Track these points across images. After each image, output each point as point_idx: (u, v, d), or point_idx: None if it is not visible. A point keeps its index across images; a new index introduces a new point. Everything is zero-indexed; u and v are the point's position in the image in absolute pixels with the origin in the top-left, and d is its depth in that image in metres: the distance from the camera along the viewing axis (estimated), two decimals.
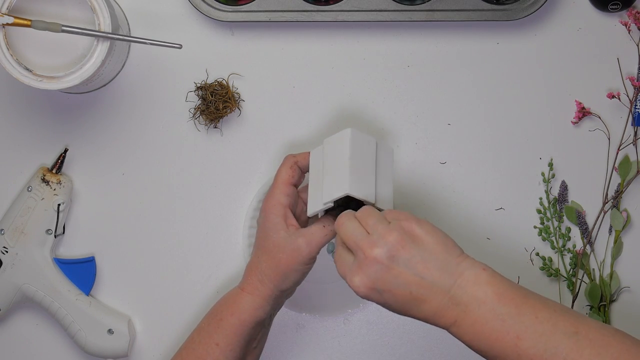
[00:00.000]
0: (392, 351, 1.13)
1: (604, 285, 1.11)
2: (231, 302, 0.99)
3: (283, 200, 0.97)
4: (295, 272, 0.97)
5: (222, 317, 0.99)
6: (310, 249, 0.95)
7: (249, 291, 0.98)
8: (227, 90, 1.10)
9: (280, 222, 0.97)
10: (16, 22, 0.98)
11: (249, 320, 0.98)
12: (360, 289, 0.87)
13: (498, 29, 1.12)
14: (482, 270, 0.86)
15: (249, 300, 0.98)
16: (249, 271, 0.99)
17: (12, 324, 1.13)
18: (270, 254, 0.97)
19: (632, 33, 1.12)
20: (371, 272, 0.86)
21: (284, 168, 0.99)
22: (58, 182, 1.09)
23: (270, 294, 0.98)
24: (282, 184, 0.98)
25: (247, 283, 0.99)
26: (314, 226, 0.96)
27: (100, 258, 1.12)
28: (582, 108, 1.11)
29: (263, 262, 0.97)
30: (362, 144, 0.95)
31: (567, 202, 1.12)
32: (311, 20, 1.10)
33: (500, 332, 0.83)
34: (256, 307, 0.98)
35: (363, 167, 0.94)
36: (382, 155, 0.97)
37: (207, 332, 0.99)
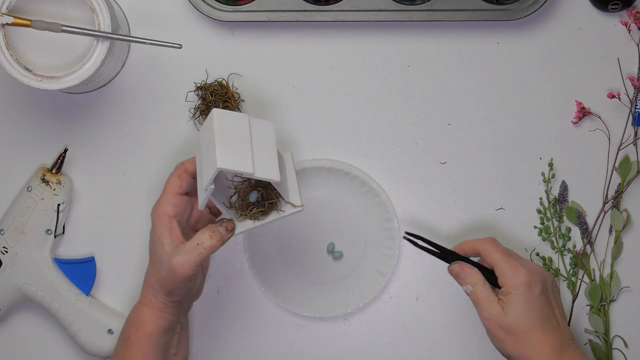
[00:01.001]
0: (392, 351, 1.13)
1: (604, 285, 1.11)
2: (134, 318, 0.99)
3: (169, 210, 0.97)
4: (179, 288, 0.96)
5: (128, 334, 0.99)
6: (183, 269, 0.94)
7: (145, 304, 0.99)
8: (227, 90, 1.10)
9: (164, 235, 0.96)
10: (16, 22, 0.98)
11: (154, 332, 0.98)
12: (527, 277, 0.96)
13: (498, 29, 1.12)
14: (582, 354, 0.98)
15: (147, 312, 0.98)
16: (144, 283, 1.00)
17: (12, 324, 1.13)
18: (155, 268, 0.97)
19: (632, 33, 1.12)
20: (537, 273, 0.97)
21: (173, 177, 0.98)
22: (58, 182, 1.09)
23: (165, 303, 0.98)
24: (168, 193, 0.98)
25: (143, 296, 0.99)
26: (188, 244, 0.95)
27: (100, 258, 1.12)
28: (582, 108, 1.11)
29: (152, 276, 0.98)
30: (232, 121, 0.93)
31: (567, 202, 1.12)
32: (311, 20, 1.10)
33: None
34: (156, 317, 0.98)
35: (235, 142, 0.92)
36: (260, 129, 0.94)
37: (121, 354, 0.99)
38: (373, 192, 1.10)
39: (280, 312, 1.12)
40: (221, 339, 1.12)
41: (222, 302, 1.12)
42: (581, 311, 1.12)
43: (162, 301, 0.98)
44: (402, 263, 1.12)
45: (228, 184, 0.97)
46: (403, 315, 1.12)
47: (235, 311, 1.12)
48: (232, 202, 0.97)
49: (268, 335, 1.12)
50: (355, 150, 1.12)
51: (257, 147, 0.93)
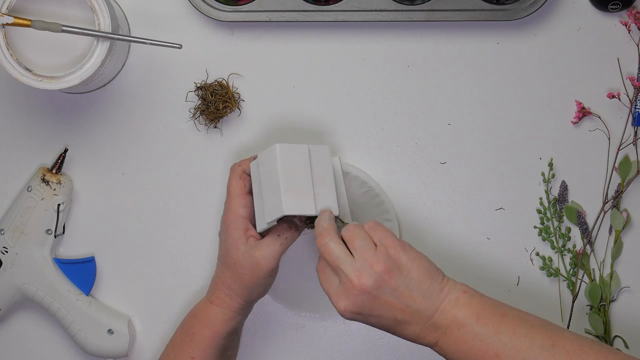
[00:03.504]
0: (392, 351, 1.12)
1: (604, 285, 1.11)
2: (202, 316, 0.99)
3: (241, 212, 0.97)
4: (259, 285, 0.97)
5: (194, 330, 0.99)
6: (268, 262, 0.95)
7: (218, 304, 0.99)
8: (227, 90, 1.10)
9: (239, 237, 0.96)
10: (16, 22, 0.98)
11: (222, 332, 0.98)
12: (346, 314, 0.89)
13: (498, 29, 1.12)
14: (462, 293, 0.89)
15: (219, 312, 0.98)
16: (216, 285, 0.99)
17: (12, 324, 1.13)
18: (233, 270, 0.97)
19: (632, 33, 1.12)
20: (357, 301, 0.88)
21: (234, 179, 0.98)
22: (58, 182, 1.08)
23: (240, 306, 0.98)
24: (236, 195, 0.98)
25: (216, 296, 0.99)
26: (268, 237, 0.96)
27: (100, 258, 1.12)
28: (582, 108, 1.11)
29: (228, 277, 0.98)
30: (293, 156, 0.95)
31: (567, 202, 1.12)
32: (311, 20, 1.10)
33: (479, 350, 0.86)
34: (227, 319, 0.98)
35: (298, 181, 0.94)
36: (318, 160, 0.97)
37: (181, 347, 0.99)
38: (373, 192, 1.10)
39: (280, 312, 1.12)
40: None
41: None
42: (581, 311, 1.12)
43: (239, 301, 0.98)
44: None
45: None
46: None
47: None
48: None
49: (268, 335, 1.12)
50: (355, 150, 1.12)
51: (317, 182, 0.95)
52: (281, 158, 0.94)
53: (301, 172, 0.95)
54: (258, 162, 0.97)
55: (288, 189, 0.93)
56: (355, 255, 0.89)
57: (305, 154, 0.96)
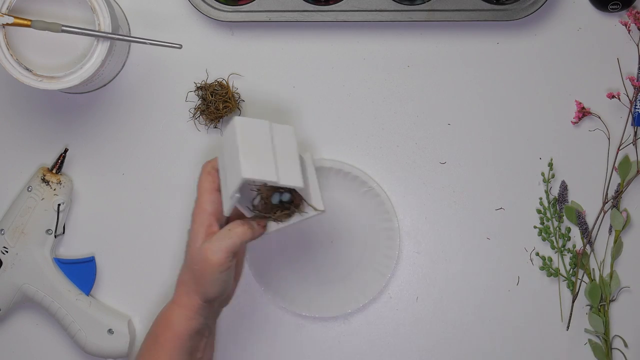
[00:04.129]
0: (392, 351, 1.13)
1: (604, 285, 1.11)
2: (164, 318, 0.99)
3: (207, 207, 0.97)
4: (213, 282, 0.96)
5: (157, 334, 0.99)
6: (216, 256, 0.94)
7: (178, 303, 0.98)
8: (227, 90, 1.10)
9: (200, 232, 0.96)
10: (16, 22, 0.98)
11: (184, 333, 0.98)
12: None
13: (498, 29, 1.12)
14: None
15: (179, 313, 0.98)
16: (177, 284, 1.00)
17: (12, 324, 1.13)
18: (189, 266, 0.97)
19: (632, 33, 1.12)
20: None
21: (203, 176, 0.98)
22: (58, 182, 1.09)
23: (198, 304, 0.98)
24: (204, 191, 0.98)
25: (176, 296, 0.99)
26: (219, 232, 0.96)
27: (100, 258, 1.12)
28: (582, 108, 1.11)
29: (185, 274, 0.98)
30: (253, 128, 0.94)
31: (567, 202, 1.12)
32: (311, 20, 1.10)
33: None
34: (187, 319, 0.98)
35: (257, 149, 0.93)
36: (281, 136, 0.96)
37: (148, 352, 0.99)
38: (373, 192, 1.10)
39: (280, 312, 1.12)
40: (221, 339, 1.12)
41: None
42: (581, 311, 1.12)
43: (196, 299, 0.97)
44: (402, 263, 1.12)
45: (251, 187, 0.97)
46: (403, 315, 1.12)
47: (235, 311, 1.12)
48: (255, 205, 0.97)
49: (268, 335, 1.12)
50: (355, 150, 1.12)
51: (279, 153, 0.94)
52: (240, 129, 0.93)
53: (261, 142, 0.94)
54: (222, 145, 0.96)
55: (246, 154, 0.92)
56: None
57: (266, 127, 0.95)
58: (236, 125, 0.94)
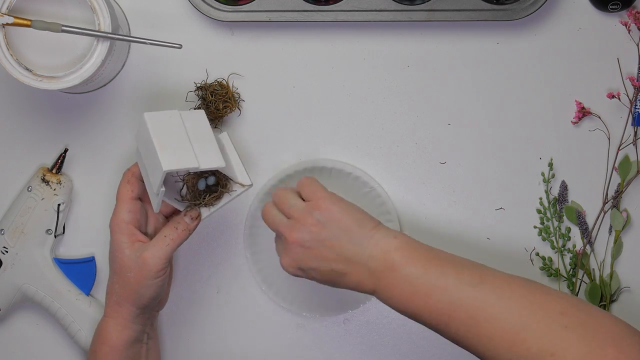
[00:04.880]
0: (392, 351, 1.13)
1: (604, 285, 1.11)
2: (99, 332, 1.00)
3: (125, 217, 0.98)
4: (147, 287, 0.97)
5: (95, 349, 1.00)
6: (155, 262, 0.96)
7: (110, 315, 0.99)
8: (227, 90, 1.10)
9: (124, 241, 0.98)
10: (16, 22, 0.98)
11: (119, 344, 0.98)
12: (289, 269, 0.94)
13: (498, 29, 1.12)
14: (393, 239, 0.92)
15: (112, 324, 0.99)
16: (107, 295, 1.00)
17: (12, 324, 1.13)
18: (119, 274, 0.98)
19: (632, 33, 1.12)
20: (294, 255, 0.93)
21: (122, 184, 1.00)
22: (58, 182, 1.08)
23: (130, 313, 0.98)
24: (122, 201, 0.99)
25: (108, 307, 1.00)
26: (155, 239, 0.97)
27: (101, 258, 1.12)
28: (582, 108, 1.11)
29: (115, 282, 0.99)
30: (164, 120, 0.95)
31: (567, 202, 1.12)
32: (311, 20, 1.10)
33: (410, 292, 0.89)
34: (121, 329, 0.98)
35: (172, 140, 0.94)
36: (194, 121, 0.97)
37: None
38: (375, 192, 1.10)
39: (280, 312, 1.12)
40: (221, 338, 1.12)
41: (222, 302, 1.12)
42: None
43: (128, 308, 0.98)
44: None
45: (175, 179, 0.99)
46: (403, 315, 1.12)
47: (235, 311, 1.12)
48: (183, 195, 0.99)
49: (268, 335, 1.12)
50: (355, 151, 1.12)
51: (195, 139, 0.96)
52: (151, 124, 0.94)
53: (175, 132, 0.95)
54: (137, 145, 0.97)
55: (163, 147, 0.93)
56: (287, 215, 0.94)
57: (177, 116, 0.96)
58: (147, 121, 0.95)
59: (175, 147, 0.94)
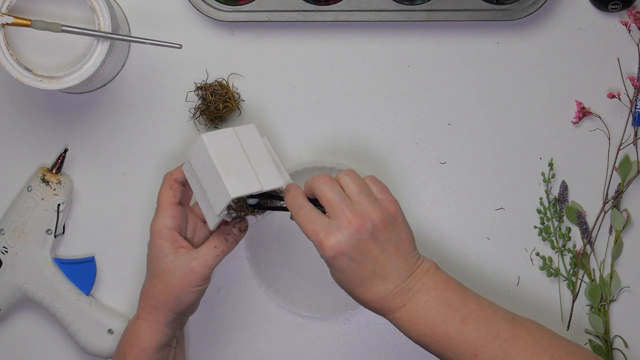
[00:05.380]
0: (392, 351, 1.12)
1: (604, 285, 1.11)
2: (130, 333, 0.99)
3: (168, 223, 0.97)
4: (189, 294, 0.97)
5: (124, 350, 0.99)
6: (203, 271, 0.96)
7: (144, 318, 0.98)
8: (227, 90, 1.10)
9: (167, 247, 0.97)
10: (16, 22, 0.98)
11: (150, 347, 0.98)
12: (333, 251, 0.89)
13: (498, 29, 1.12)
14: (432, 264, 0.93)
15: (146, 327, 0.98)
16: (143, 297, 0.99)
17: (12, 324, 1.13)
18: (160, 278, 0.97)
19: (632, 33, 1.12)
20: (350, 239, 0.89)
21: (164, 189, 0.99)
22: (58, 182, 1.09)
23: (167, 318, 0.98)
24: (165, 206, 0.98)
25: (142, 309, 0.99)
26: (204, 247, 0.97)
27: (100, 258, 1.12)
28: (582, 108, 1.11)
29: (154, 286, 0.98)
30: (222, 141, 0.94)
31: (567, 202, 1.12)
32: (311, 20, 1.10)
33: (446, 314, 0.89)
34: (154, 332, 0.98)
35: (234, 163, 0.93)
36: (248, 139, 0.96)
37: None
38: None
39: (280, 312, 1.12)
40: (221, 338, 1.12)
41: (223, 302, 1.12)
42: (581, 311, 1.12)
43: (166, 312, 0.97)
44: None
45: None
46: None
47: (236, 311, 1.12)
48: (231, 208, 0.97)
49: (268, 335, 1.12)
50: (355, 151, 1.12)
51: (253, 158, 0.94)
52: (211, 146, 0.93)
53: (235, 154, 0.94)
54: (190, 161, 0.96)
55: (228, 173, 0.92)
56: (353, 198, 0.91)
57: (233, 136, 0.95)
58: (207, 144, 0.93)
59: (238, 171, 0.92)
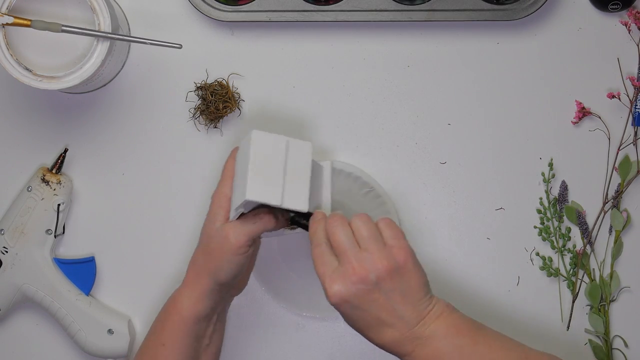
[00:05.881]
0: None
1: (604, 285, 1.11)
2: (172, 301, 0.98)
3: (228, 192, 0.96)
4: (227, 262, 0.95)
5: (165, 316, 0.98)
6: (237, 238, 0.93)
7: (187, 285, 0.98)
8: (227, 90, 1.10)
9: (219, 214, 0.96)
10: (16, 22, 0.98)
11: (189, 316, 0.97)
12: (335, 298, 0.89)
13: (498, 29, 1.12)
14: (445, 307, 0.91)
15: (187, 294, 0.97)
16: (189, 265, 0.99)
17: (12, 324, 1.13)
18: (204, 245, 0.96)
19: (632, 33, 1.12)
20: (352, 288, 0.88)
21: (230, 160, 0.98)
22: (58, 182, 1.09)
23: (207, 286, 0.96)
24: (228, 176, 0.97)
25: (187, 277, 0.98)
26: (245, 216, 0.95)
27: (100, 258, 1.12)
28: (582, 108, 1.11)
29: (199, 253, 0.97)
30: (268, 144, 0.92)
31: (567, 202, 1.12)
32: (311, 20, 1.10)
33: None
34: (195, 301, 0.97)
35: (268, 169, 0.92)
36: (297, 154, 0.94)
37: (154, 334, 0.99)
38: (375, 193, 1.10)
39: (280, 312, 1.12)
40: None
41: None
42: (581, 311, 1.12)
43: (207, 280, 0.96)
44: None
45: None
46: None
47: (236, 311, 1.12)
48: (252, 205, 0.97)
49: (268, 335, 1.12)
50: (355, 151, 1.12)
51: (291, 172, 0.92)
52: (255, 144, 0.92)
53: (274, 162, 0.92)
54: (240, 148, 0.96)
55: (255, 174, 0.91)
56: (361, 244, 0.89)
57: (282, 145, 0.93)
58: (252, 139, 0.92)
59: (267, 178, 0.91)
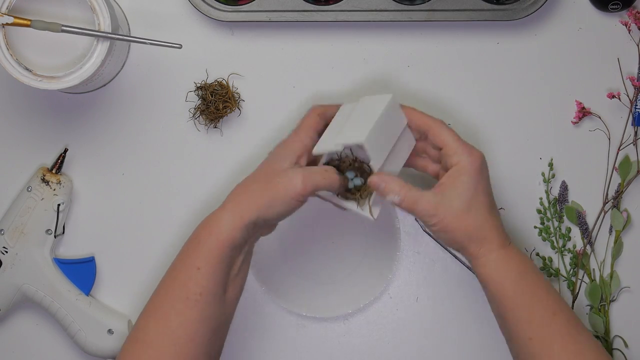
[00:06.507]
0: (392, 351, 1.12)
1: (604, 285, 1.11)
2: (209, 222, 0.96)
3: (305, 141, 0.97)
4: (282, 203, 0.94)
5: (200, 239, 0.96)
6: (305, 186, 0.93)
7: (229, 209, 0.95)
8: (227, 90, 1.10)
9: (290, 156, 0.96)
10: (16, 22, 0.98)
11: (226, 241, 0.94)
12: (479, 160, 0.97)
13: (498, 29, 1.12)
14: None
15: (228, 218, 0.95)
16: (238, 188, 0.97)
17: (12, 324, 1.13)
18: (267, 177, 0.95)
19: (632, 33, 1.12)
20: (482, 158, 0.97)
21: (312, 114, 0.99)
22: (58, 182, 1.09)
23: (250, 218, 0.94)
24: (308, 127, 0.98)
25: (231, 200, 0.96)
26: (316, 167, 0.96)
27: (100, 258, 1.12)
28: (582, 108, 1.11)
29: (256, 181, 0.96)
30: (395, 116, 0.97)
31: (567, 202, 1.12)
32: (311, 20, 1.10)
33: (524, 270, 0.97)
34: (234, 227, 0.94)
35: (385, 135, 0.96)
36: (405, 138, 0.99)
37: (188, 256, 0.96)
38: None
39: (280, 312, 1.12)
40: None
41: None
42: (581, 311, 1.12)
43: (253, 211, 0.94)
44: (402, 263, 1.12)
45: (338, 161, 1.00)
46: (403, 315, 1.12)
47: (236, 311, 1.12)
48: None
49: (268, 335, 1.12)
50: None
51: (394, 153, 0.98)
52: (388, 107, 0.96)
53: (390, 133, 0.97)
54: (358, 102, 0.99)
55: (376, 131, 0.94)
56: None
57: (404, 125, 0.98)
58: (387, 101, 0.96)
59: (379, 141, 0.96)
